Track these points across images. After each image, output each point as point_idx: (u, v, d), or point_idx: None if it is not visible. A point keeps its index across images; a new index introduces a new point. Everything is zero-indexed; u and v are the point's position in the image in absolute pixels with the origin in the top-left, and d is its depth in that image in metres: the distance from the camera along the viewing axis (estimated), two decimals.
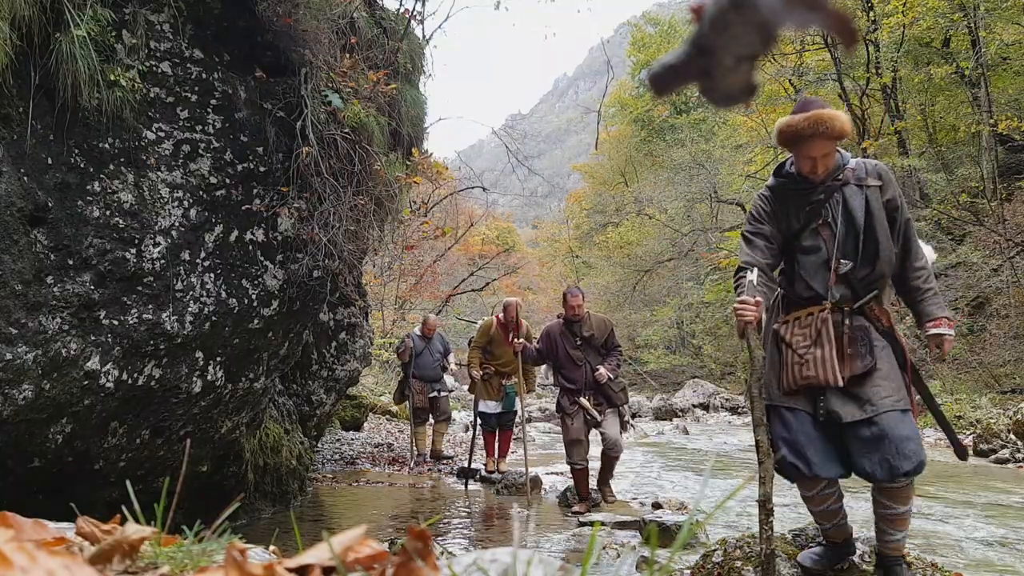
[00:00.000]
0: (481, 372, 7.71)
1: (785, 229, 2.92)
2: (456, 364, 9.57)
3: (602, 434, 5.83)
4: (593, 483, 6.21)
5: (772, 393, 2.90)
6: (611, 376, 5.87)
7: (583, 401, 5.83)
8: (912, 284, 2.91)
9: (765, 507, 2.59)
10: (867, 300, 2.81)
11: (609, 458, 5.90)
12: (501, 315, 7.79)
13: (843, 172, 2.85)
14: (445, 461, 8.80)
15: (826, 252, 2.83)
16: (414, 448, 8.78)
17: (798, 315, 2.87)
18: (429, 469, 8.50)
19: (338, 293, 6.12)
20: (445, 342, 9.27)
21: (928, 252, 3.02)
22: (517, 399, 7.39)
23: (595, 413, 5.80)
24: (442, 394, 8.96)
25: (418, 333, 9.09)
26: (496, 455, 7.94)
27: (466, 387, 9.55)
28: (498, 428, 7.91)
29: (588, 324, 5.94)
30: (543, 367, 6.47)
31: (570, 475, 7.33)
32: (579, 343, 5.91)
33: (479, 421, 7.91)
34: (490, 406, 7.78)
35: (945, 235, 15.47)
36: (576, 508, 5.98)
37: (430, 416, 9.05)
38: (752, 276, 2.84)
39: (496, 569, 0.57)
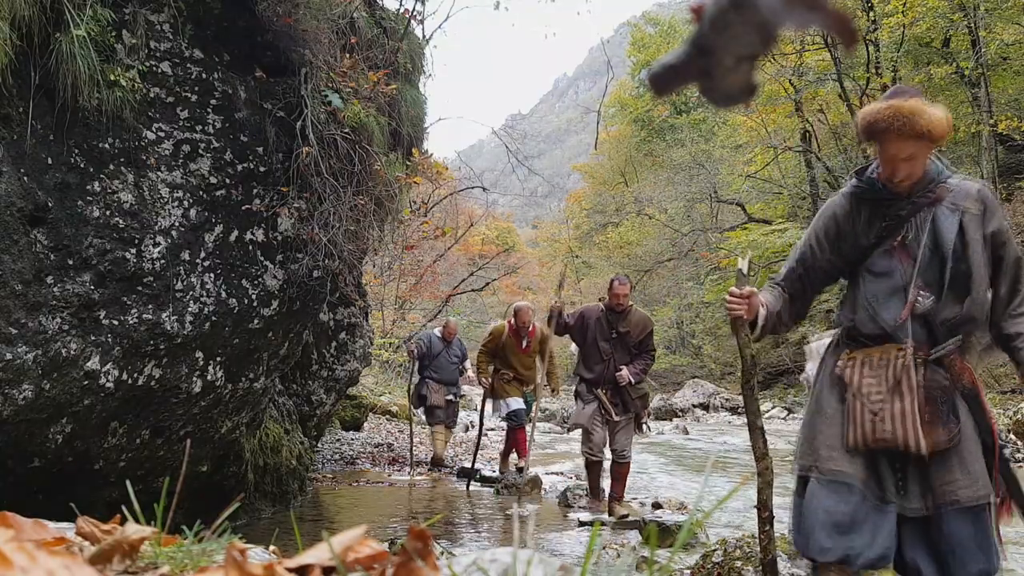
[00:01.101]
0: (492, 379, 7.42)
1: (850, 248, 2.38)
2: (472, 370, 9.37)
3: (611, 438, 5.63)
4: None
5: (819, 455, 2.28)
6: (632, 380, 5.53)
7: (600, 392, 5.58)
8: (1013, 330, 2.28)
9: (762, 514, 2.40)
10: (948, 349, 2.22)
11: (619, 468, 5.62)
12: (513, 320, 7.41)
13: (936, 189, 2.27)
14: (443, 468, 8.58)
15: (901, 279, 2.26)
16: (412, 448, 8.66)
17: (870, 354, 2.27)
18: (429, 469, 8.49)
19: (338, 293, 6.12)
20: (463, 347, 9.07)
21: None
22: (533, 405, 7.05)
23: (611, 409, 5.56)
24: (455, 399, 8.79)
25: (438, 335, 8.88)
26: (516, 452, 7.65)
27: (477, 388, 9.43)
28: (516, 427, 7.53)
29: (628, 319, 5.60)
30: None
31: (569, 475, 7.34)
32: (613, 336, 5.57)
33: (509, 421, 7.58)
34: (518, 402, 7.47)
35: None
36: (590, 508, 5.76)
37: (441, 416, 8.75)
38: (743, 264, 2.50)
39: (496, 569, 0.57)
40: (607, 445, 5.72)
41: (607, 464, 5.88)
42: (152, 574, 0.71)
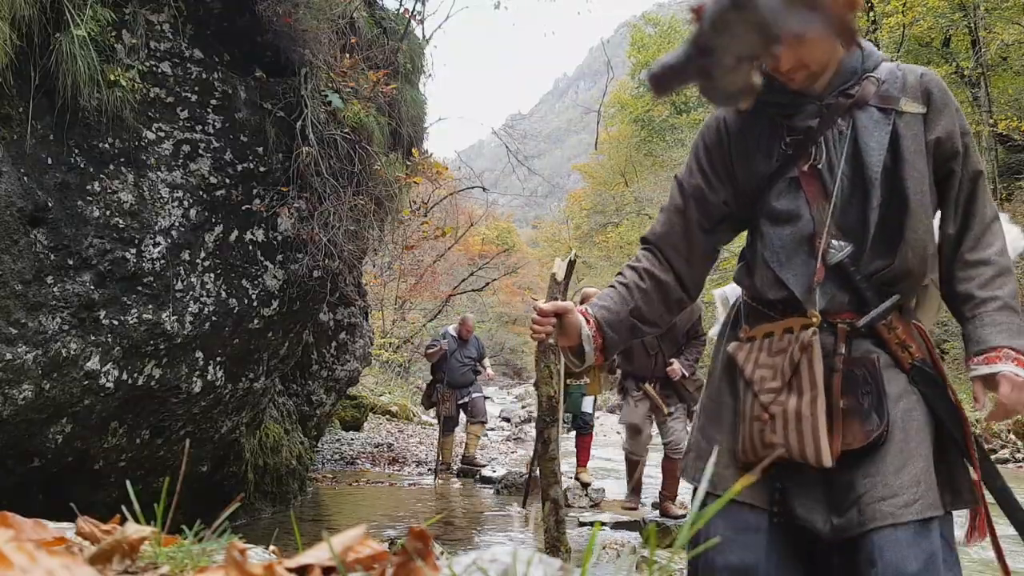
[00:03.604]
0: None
1: (744, 179, 1.64)
2: (492, 370, 8.95)
3: (662, 429, 5.30)
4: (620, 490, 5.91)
5: (716, 475, 1.63)
6: (686, 373, 5.15)
7: (648, 388, 5.27)
8: (962, 288, 1.55)
9: None
10: (881, 313, 1.52)
11: (671, 463, 5.27)
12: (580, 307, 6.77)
13: (859, 83, 1.52)
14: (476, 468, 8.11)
15: (811, 222, 1.54)
16: (439, 455, 8.36)
17: (770, 330, 1.59)
18: (430, 470, 8.46)
19: (338, 293, 6.12)
20: (480, 345, 8.65)
21: (1016, 235, 1.72)
22: (585, 399, 6.59)
23: (662, 405, 5.25)
24: (474, 395, 8.33)
25: (453, 333, 8.44)
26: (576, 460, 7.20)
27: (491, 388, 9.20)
28: (575, 434, 6.91)
29: None
30: None
31: (568, 475, 7.32)
32: None
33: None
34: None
35: None
36: (627, 504, 5.55)
37: (461, 421, 8.46)
38: (559, 266, 1.90)
39: (496, 569, 0.57)
40: (650, 440, 5.47)
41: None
42: (152, 574, 0.71)
